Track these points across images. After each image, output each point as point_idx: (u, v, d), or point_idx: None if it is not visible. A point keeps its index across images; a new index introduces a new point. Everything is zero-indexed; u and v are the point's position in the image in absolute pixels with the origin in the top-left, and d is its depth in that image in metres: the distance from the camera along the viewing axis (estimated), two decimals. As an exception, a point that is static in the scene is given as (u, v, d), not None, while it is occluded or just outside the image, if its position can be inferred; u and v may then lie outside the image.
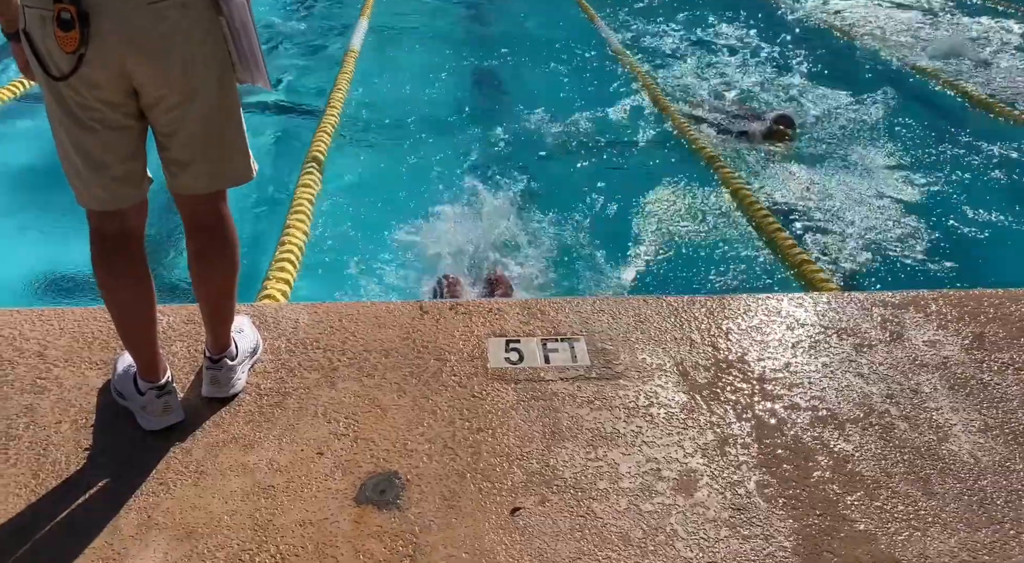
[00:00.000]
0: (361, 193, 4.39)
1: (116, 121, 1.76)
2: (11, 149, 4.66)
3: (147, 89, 1.74)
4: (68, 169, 1.82)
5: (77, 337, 2.37)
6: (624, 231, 4.06)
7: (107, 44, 1.65)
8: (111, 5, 1.63)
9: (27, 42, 1.69)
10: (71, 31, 1.61)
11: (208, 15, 1.75)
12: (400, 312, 2.58)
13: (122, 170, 1.81)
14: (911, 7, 8.37)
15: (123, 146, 1.80)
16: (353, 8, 8.32)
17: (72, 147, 1.77)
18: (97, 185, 1.80)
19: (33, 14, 1.65)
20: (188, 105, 1.78)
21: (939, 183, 4.57)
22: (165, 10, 1.68)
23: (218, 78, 1.81)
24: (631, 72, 6.36)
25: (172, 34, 1.70)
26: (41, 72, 1.70)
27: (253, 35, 1.83)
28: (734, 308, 2.68)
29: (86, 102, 1.71)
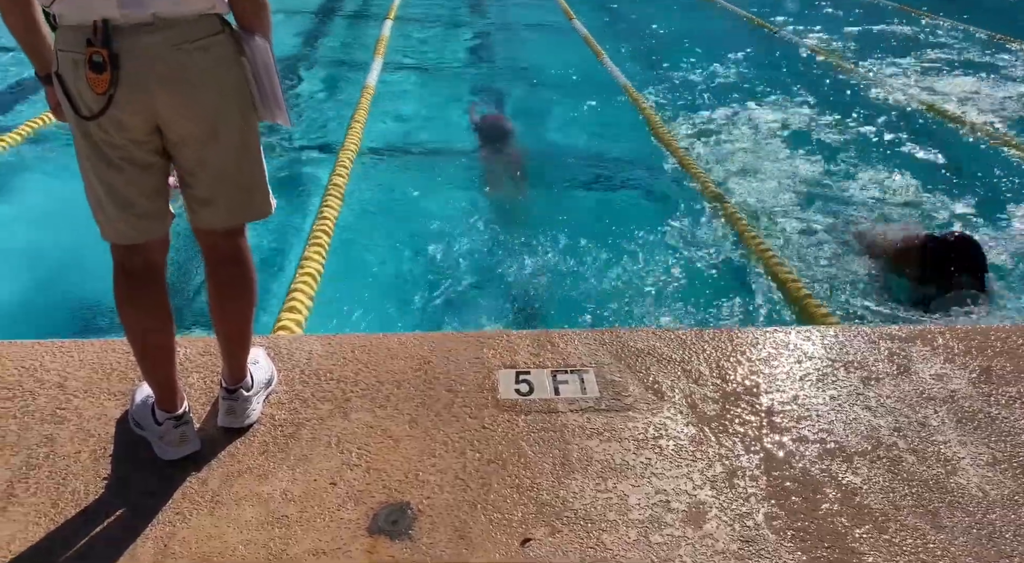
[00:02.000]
0: (376, 225, 4.46)
1: (142, 159, 1.83)
2: (33, 183, 4.76)
3: (172, 128, 1.81)
4: (94, 204, 1.89)
5: (96, 368, 2.41)
6: (631, 264, 4.09)
7: (135, 85, 1.72)
8: (139, 49, 1.71)
9: (59, 84, 1.77)
10: (102, 73, 1.69)
11: (232, 57, 1.83)
12: (412, 344, 2.62)
13: (146, 206, 1.88)
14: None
15: (148, 183, 1.86)
16: (368, 47, 8.49)
17: (99, 183, 1.84)
18: (122, 220, 1.87)
19: (66, 57, 1.73)
20: (211, 144, 1.85)
21: (943, 217, 4.60)
22: (191, 53, 1.76)
23: (240, 117, 1.88)
24: (637, 108, 6.45)
25: (197, 76, 1.77)
26: (72, 112, 1.77)
27: (275, 75, 1.90)
28: (742, 340, 2.71)
29: (113, 141, 1.78)
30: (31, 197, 4.62)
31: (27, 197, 4.64)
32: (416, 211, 4.65)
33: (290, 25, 9.72)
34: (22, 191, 4.72)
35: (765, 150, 5.63)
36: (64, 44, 1.74)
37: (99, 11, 1.68)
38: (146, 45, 1.72)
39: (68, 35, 1.72)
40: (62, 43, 1.74)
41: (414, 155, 5.61)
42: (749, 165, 5.36)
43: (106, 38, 1.68)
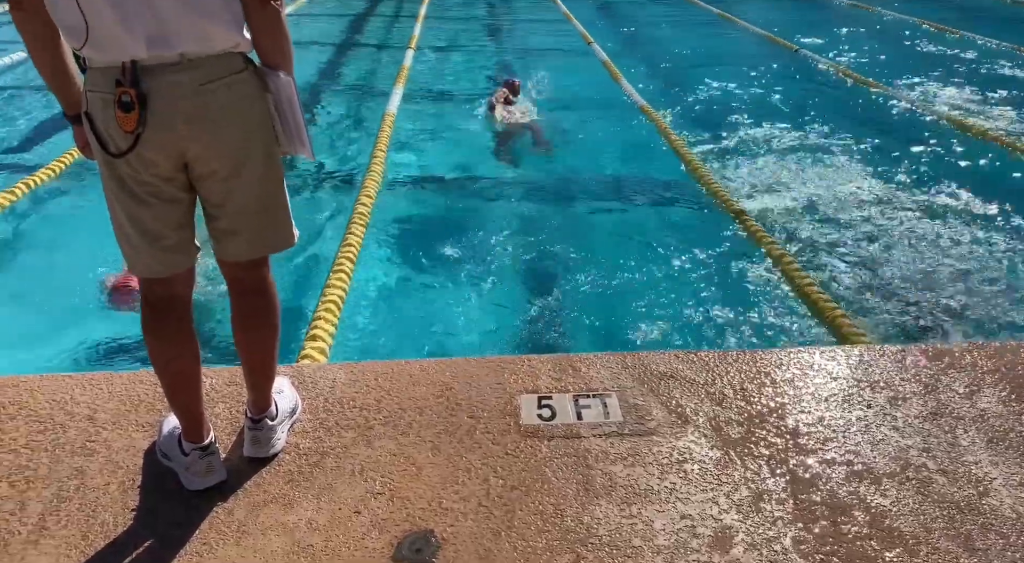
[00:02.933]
0: (398, 252, 4.50)
1: (168, 194, 1.87)
2: (62, 219, 4.88)
3: (198, 163, 1.85)
4: (121, 240, 1.93)
5: (124, 400, 2.45)
6: (652, 286, 4.09)
7: (163, 123, 1.77)
8: (166, 88, 1.76)
9: (88, 123, 1.82)
10: (131, 112, 1.74)
11: (256, 93, 1.88)
12: (434, 370, 2.63)
13: (173, 240, 1.92)
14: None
15: (174, 217, 1.91)
16: (389, 75, 8.61)
17: (126, 219, 1.88)
18: (149, 254, 1.91)
19: (95, 97, 1.78)
20: (237, 178, 1.89)
21: (972, 235, 4.53)
22: (216, 90, 1.80)
23: (264, 152, 1.92)
24: (657, 128, 6.46)
25: (222, 112, 1.82)
26: (100, 150, 1.82)
27: (298, 109, 1.94)
28: (766, 362, 2.69)
29: (141, 177, 1.83)
30: (61, 231, 4.73)
31: (57, 231, 4.74)
32: (437, 237, 4.68)
33: (313, 55, 9.91)
34: (53, 226, 4.83)
35: (786, 167, 5.61)
36: (93, 85, 1.79)
37: (128, 53, 1.73)
38: (173, 84, 1.76)
39: (97, 76, 1.78)
40: (91, 84, 1.80)
41: (436, 182, 5.66)
42: (771, 182, 5.34)
43: (134, 78, 1.73)
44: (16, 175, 5.31)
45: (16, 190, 4.99)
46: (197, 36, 1.76)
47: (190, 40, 1.76)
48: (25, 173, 5.28)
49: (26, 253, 4.49)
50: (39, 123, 6.76)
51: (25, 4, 1.74)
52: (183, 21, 1.74)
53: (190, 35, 1.75)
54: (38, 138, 6.45)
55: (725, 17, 11.94)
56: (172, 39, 1.74)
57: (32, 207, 4.99)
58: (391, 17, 13.55)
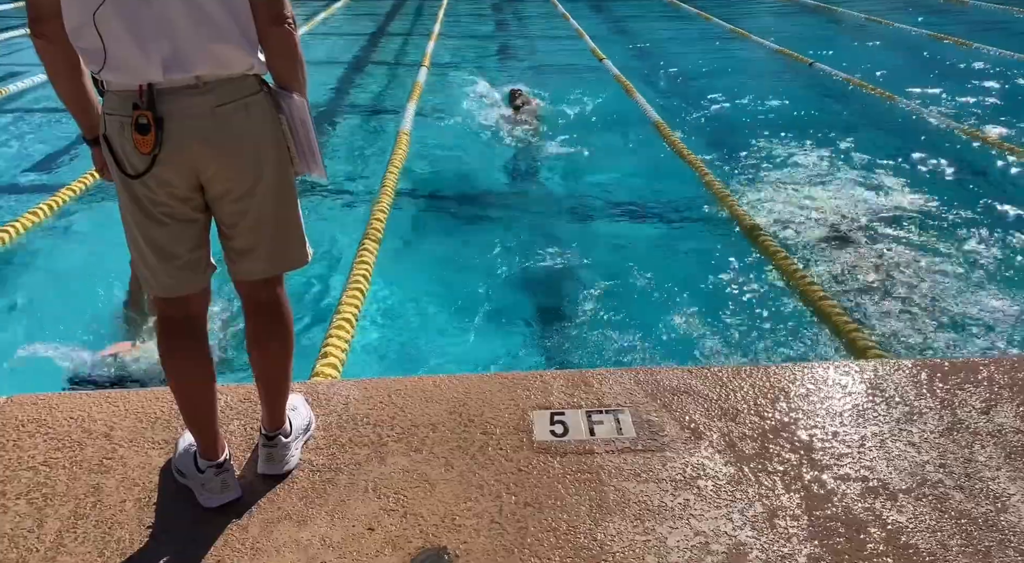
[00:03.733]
0: (411, 269, 4.52)
1: (184, 214, 1.91)
2: (79, 239, 4.94)
3: (214, 184, 1.88)
4: (138, 260, 1.97)
5: (141, 418, 2.48)
6: (666, 301, 4.09)
7: (179, 145, 1.81)
8: (182, 111, 1.80)
9: (106, 145, 1.86)
10: (147, 134, 1.78)
11: (270, 115, 1.91)
12: (447, 386, 2.64)
13: (189, 259, 1.95)
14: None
15: (190, 237, 1.94)
16: (402, 93, 8.68)
17: (143, 239, 1.92)
18: (165, 274, 1.94)
19: (113, 120, 1.82)
20: (251, 198, 1.92)
21: (988, 249, 4.50)
22: (231, 113, 1.84)
23: (278, 172, 1.95)
24: (671, 144, 6.47)
25: (238, 134, 1.85)
26: (117, 171, 1.86)
27: (311, 131, 1.98)
28: (780, 377, 2.68)
29: (157, 198, 1.86)
30: (81, 251, 4.79)
31: (77, 251, 4.80)
32: (450, 253, 4.71)
33: (327, 73, 10.01)
34: (73, 246, 4.89)
35: (800, 181, 5.60)
36: (111, 108, 1.83)
37: (145, 76, 1.77)
38: (188, 106, 1.80)
39: (115, 99, 1.82)
40: (109, 107, 1.84)
41: (449, 199, 5.70)
42: (785, 197, 5.33)
43: (151, 101, 1.77)
44: (38, 196, 5.39)
45: (39, 211, 5.06)
46: (212, 59, 1.80)
47: (205, 63, 1.80)
48: (47, 194, 5.36)
49: (46, 272, 4.55)
50: (59, 144, 6.86)
51: (47, 31, 1.78)
52: (198, 45, 1.78)
53: (205, 58, 1.79)
54: (58, 159, 6.55)
55: (737, 32, 11.96)
56: (187, 62, 1.78)
57: (53, 227, 5.06)
58: (404, 35, 13.68)
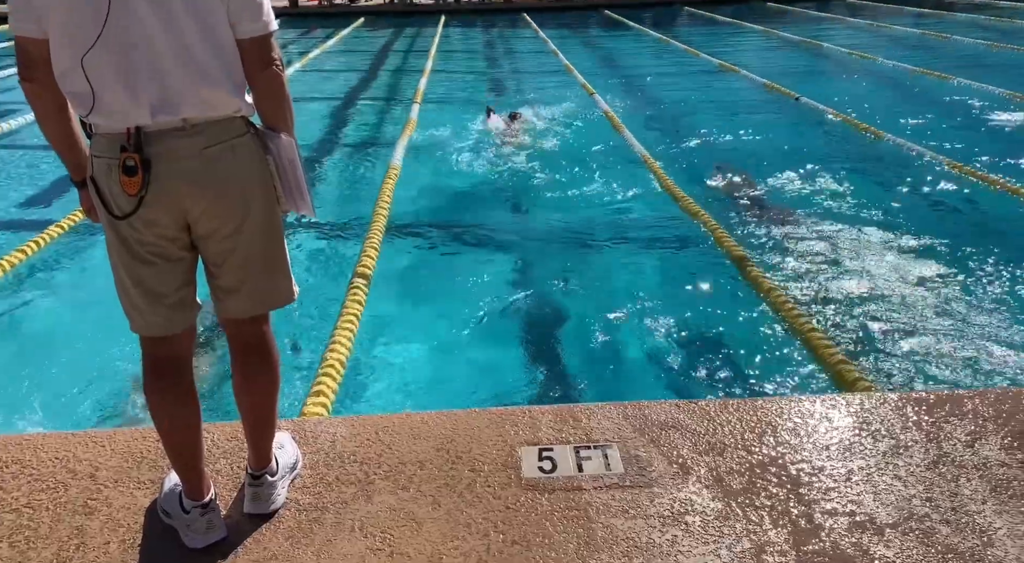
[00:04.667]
0: (401, 303, 4.53)
1: (171, 254, 1.92)
2: (67, 276, 4.94)
3: (201, 224, 1.90)
4: (124, 300, 1.98)
5: (127, 457, 2.46)
6: (653, 332, 4.10)
7: (166, 186, 1.83)
8: (170, 153, 1.82)
9: (93, 187, 1.88)
10: (134, 176, 1.80)
11: (257, 155, 1.94)
12: (435, 422, 2.64)
13: (175, 298, 1.96)
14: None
15: (177, 276, 1.95)
16: (394, 128, 8.77)
17: (129, 279, 1.93)
18: (151, 312, 1.95)
19: (100, 162, 1.85)
20: (238, 237, 1.94)
21: (972, 280, 4.53)
22: (218, 154, 1.87)
23: (265, 212, 1.97)
24: (659, 178, 6.53)
25: (225, 175, 1.88)
26: (105, 212, 1.87)
27: (299, 169, 2.01)
28: (767, 411, 2.69)
29: (143, 238, 1.88)
30: (66, 290, 4.79)
31: (62, 290, 4.80)
32: (440, 288, 4.72)
33: (320, 108, 10.11)
34: (58, 285, 4.89)
35: (787, 213, 5.65)
36: (99, 150, 1.85)
37: (133, 120, 1.79)
38: (176, 148, 1.83)
39: (102, 142, 1.84)
40: (96, 149, 1.86)
41: (439, 234, 5.73)
42: (772, 229, 5.38)
43: (138, 143, 1.80)
44: (24, 234, 5.39)
45: (26, 249, 5.06)
46: (200, 102, 1.83)
47: (193, 106, 1.82)
48: (34, 231, 5.36)
49: (31, 311, 4.54)
50: (46, 183, 6.88)
51: (36, 76, 1.81)
52: (187, 89, 1.81)
53: (193, 102, 1.82)
54: (44, 198, 6.57)
55: (725, 67, 12.14)
56: (176, 106, 1.81)
57: (38, 266, 5.06)
58: (397, 71, 13.84)
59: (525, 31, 18.37)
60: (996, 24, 16.02)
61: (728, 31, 17.57)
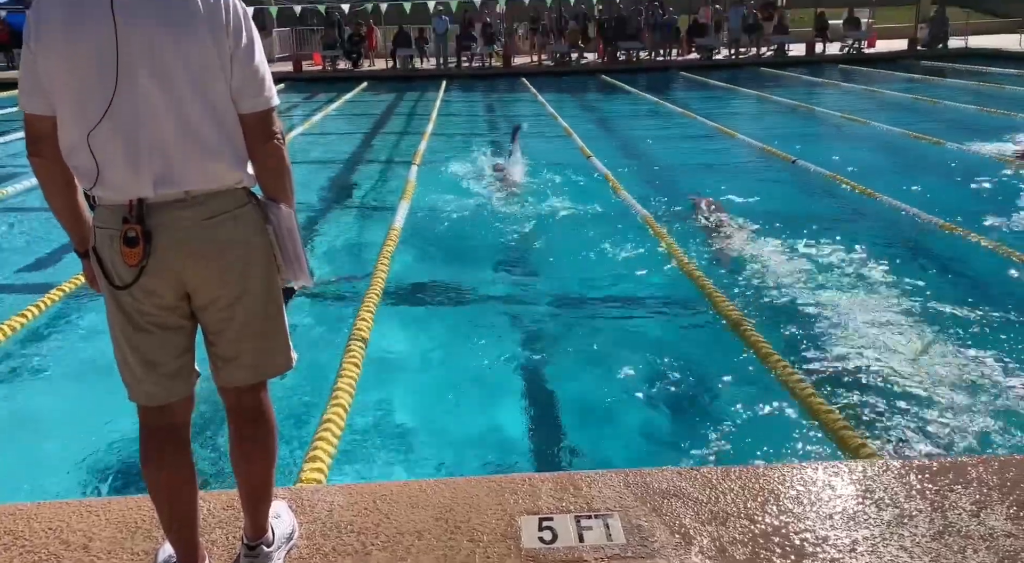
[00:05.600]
0: (399, 368, 4.52)
1: (170, 323, 1.94)
2: (64, 342, 4.94)
3: (200, 293, 1.92)
4: (123, 369, 1.98)
5: (121, 527, 2.43)
6: (652, 399, 4.09)
7: (167, 257, 1.85)
8: (171, 224, 1.85)
9: (95, 257, 1.91)
10: (135, 247, 1.82)
11: (257, 225, 1.97)
12: (433, 491, 2.61)
13: (174, 367, 1.97)
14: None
15: (175, 345, 1.97)
16: (394, 190, 8.88)
17: (128, 348, 1.94)
18: (149, 381, 1.95)
19: (103, 233, 1.88)
20: (237, 306, 1.95)
21: (969, 344, 4.53)
22: (219, 224, 1.89)
23: (265, 282, 1.99)
24: (658, 239, 6.59)
25: (225, 245, 1.90)
26: (105, 282, 1.90)
27: (298, 239, 2.04)
28: (769, 478, 2.66)
29: (143, 307, 1.89)
30: (64, 356, 4.77)
31: (59, 354, 4.79)
32: (437, 353, 4.71)
33: (321, 171, 10.25)
34: (57, 349, 4.88)
35: (785, 275, 5.68)
36: (102, 221, 1.88)
37: (136, 192, 1.83)
38: (177, 220, 1.85)
39: (105, 213, 1.87)
40: (99, 220, 1.89)
41: (438, 296, 5.74)
42: (770, 291, 5.40)
43: (140, 215, 1.83)
44: (26, 297, 5.41)
45: (27, 312, 5.07)
46: (202, 175, 1.86)
47: (196, 179, 1.86)
48: (37, 294, 5.37)
49: (29, 375, 4.52)
50: (49, 247, 6.93)
51: (43, 151, 1.86)
52: (190, 163, 1.84)
53: (195, 174, 1.86)
54: (45, 262, 6.60)
55: (722, 130, 12.35)
56: (178, 179, 1.84)
57: (39, 329, 5.06)
58: (398, 134, 14.09)
59: (524, 94, 18.75)
60: (984, 89, 16.36)
61: (723, 95, 17.93)
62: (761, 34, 24.33)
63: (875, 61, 22.67)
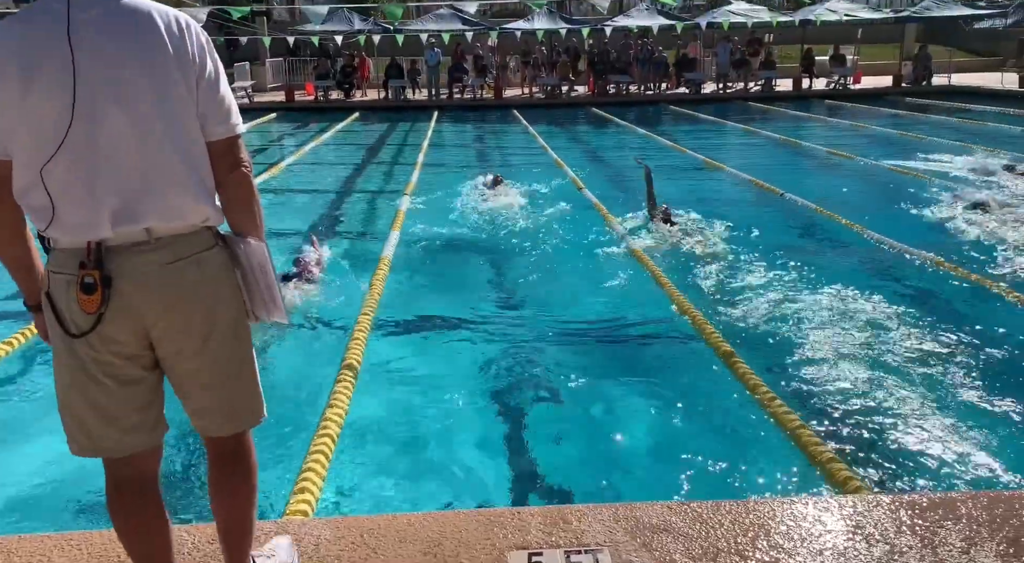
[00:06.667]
0: (388, 401, 4.49)
1: (131, 374, 1.83)
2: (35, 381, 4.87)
3: (164, 343, 1.83)
4: (72, 424, 1.86)
5: (103, 561, 2.39)
6: (641, 431, 4.07)
7: (126, 303, 1.75)
8: (132, 269, 1.75)
9: (48, 302, 1.79)
10: (92, 294, 1.72)
11: (225, 267, 1.89)
12: (421, 525, 2.58)
13: (135, 420, 1.86)
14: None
15: (137, 397, 1.86)
16: (385, 221, 8.90)
17: (84, 402, 1.82)
18: (108, 439, 1.85)
19: (59, 278, 1.77)
20: (204, 355, 1.86)
21: (959, 379, 4.55)
22: (184, 268, 1.80)
23: (232, 328, 1.91)
24: (649, 271, 6.61)
25: (189, 292, 1.80)
26: (60, 331, 1.78)
27: (271, 274, 1.95)
28: (760, 513, 2.65)
29: (101, 357, 1.79)
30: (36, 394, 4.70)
31: (32, 394, 4.73)
32: (427, 385, 4.69)
33: (310, 202, 10.26)
34: (26, 389, 4.81)
35: (776, 308, 5.70)
36: (57, 266, 1.77)
37: (93, 233, 1.72)
38: (138, 264, 1.76)
39: (61, 257, 1.77)
40: (55, 265, 1.78)
41: (427, 328, 5.73)
42: (760, 325, 5.41)
43: (99, 259, 1.72)
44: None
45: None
46: (166, 209, 1.77)
47: (158, 214, 1.76)
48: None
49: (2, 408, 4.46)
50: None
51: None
52: (152, 195, 1.75)
53: (159, 208, 1.76)
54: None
55: (711, 164, 12.47)
56: (139, 214, 1.74)
57: (10, 363, 4.98)
58: (390, 164, 14.15)
59: (515, 125, 18.90)
60: (966, 125, 16.61)
61: (711, 129, 18.13)
62: (749, 69, 24.67)
63: (861, 97, 23.00)
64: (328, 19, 23.64)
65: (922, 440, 3.86)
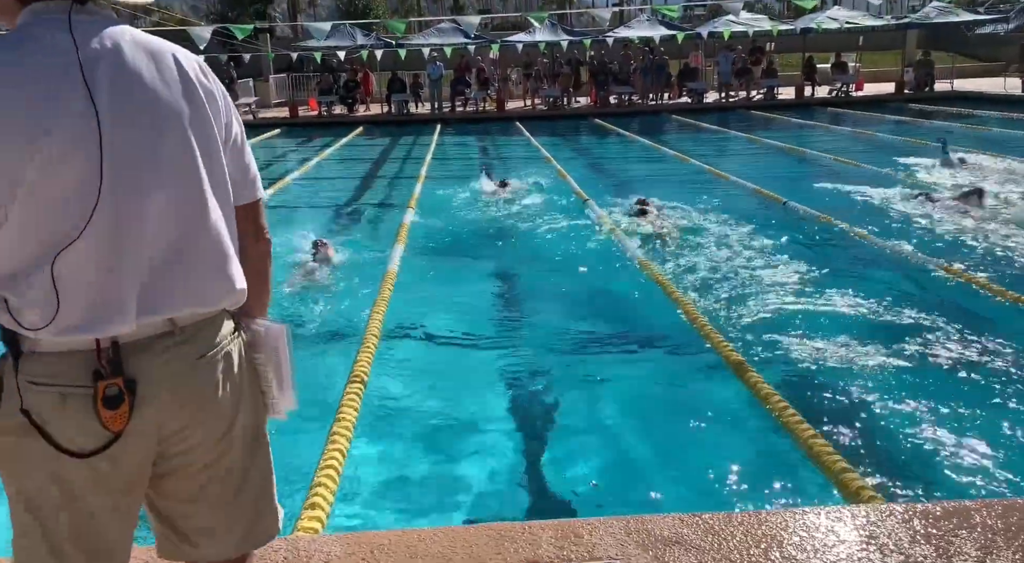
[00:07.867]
0: (396, 414, 4.49)
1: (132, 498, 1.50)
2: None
3: (175, 455, 1.51)
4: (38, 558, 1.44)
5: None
6: (652, 441, 4.06)
7: (150, 410, 1.43)
8: (158, 369, 1.43)
9: (25, 420, 1.37)
10: (118, 408, 1.37)
11: (245, 361, 1.62)
12: (432, 540, 2.57)
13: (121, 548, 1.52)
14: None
15: (128, 525, 1.52)
16: (389, 234, 8.91)
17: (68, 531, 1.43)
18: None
19: (47, 392, 1.36)
20: (222, 462, 1.56)
21: (971, 387, 4.53)
22: (211, 365, 1.51)
23: (254, 432, 1.64)
24: (656, 281, 6.61)
25: (216, 392, 1.52)
26: (44, 447, 1.37)
27: (288, 361, 1.70)
28: (772, 524, 2.63)
29: (104, 481, 1.43)
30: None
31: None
32: (436, 398, 4.69)
33: (315, 216, 10.30)
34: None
35: (785, 317, 5.69)
36: (45, 376, 1.37)
37: (107, 329, 1.37)
38: (167, 362, 1.44)
39: (49, 363, 1.38)
40: (36, 374, 1.38)
41: (434, 341, 5.73)
42: (771, 333, 5.40)
43: (117, 363, 1.38)
44: None
45: None
46: (201, 292, 1.49)
47: (183, 299, 1.46)
48: None
49: None
50: None
51: None
52: (186, 273, 1.47)
53: (192, 290, 1.48)
54: None
55: (714, 173, 12.48)
56: (168, 299, 1.44)
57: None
58: (393, 177, 14.19)
59: (519, 137, 18.96)
60: (971, 132, 16.61)
61: (715, 138, 18.16)
62: (751, 78, 24.73)
63: (863, 104, 23.03)
64: (331, 35, 23.81)
65: (935, 448, 3.83)
